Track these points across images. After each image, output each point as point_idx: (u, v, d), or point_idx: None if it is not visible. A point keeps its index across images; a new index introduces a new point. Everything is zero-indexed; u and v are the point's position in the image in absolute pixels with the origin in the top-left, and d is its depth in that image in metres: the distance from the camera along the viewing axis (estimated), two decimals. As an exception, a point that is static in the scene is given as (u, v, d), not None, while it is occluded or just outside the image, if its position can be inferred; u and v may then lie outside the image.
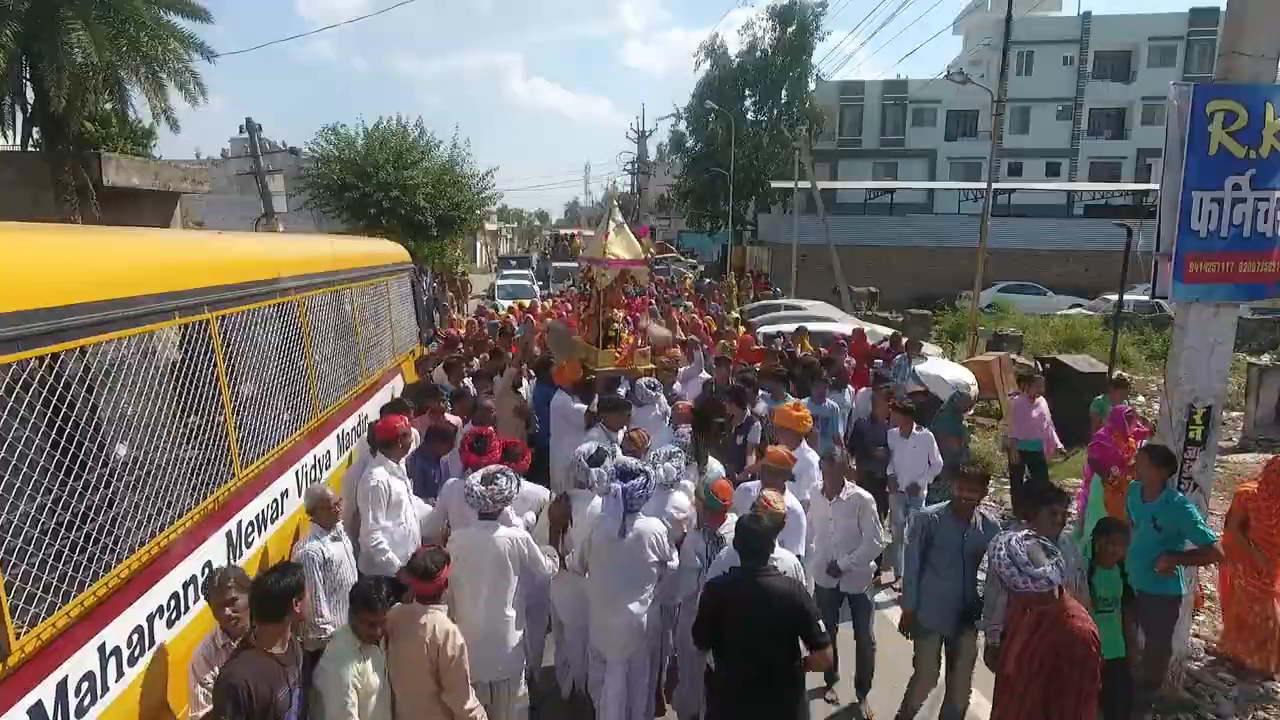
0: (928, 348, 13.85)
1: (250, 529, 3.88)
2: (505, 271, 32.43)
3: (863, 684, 4.97)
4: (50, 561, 2.42)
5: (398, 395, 6.45)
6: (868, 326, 12.96)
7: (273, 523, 4.16)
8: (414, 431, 5.27)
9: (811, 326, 12.46)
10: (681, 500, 4.50)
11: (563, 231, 55.06)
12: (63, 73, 13.00)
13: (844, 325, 12.63)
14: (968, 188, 37.47)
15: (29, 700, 2.31)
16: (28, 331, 2.38)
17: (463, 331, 11.44)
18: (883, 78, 47.30)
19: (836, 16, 77.82)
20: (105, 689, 2.67)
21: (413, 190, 28.32)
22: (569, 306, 15.47)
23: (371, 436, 4.71)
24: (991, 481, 7.45)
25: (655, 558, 4.02)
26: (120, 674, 2.74)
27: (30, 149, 15.94)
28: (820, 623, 3.52)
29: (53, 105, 13.00)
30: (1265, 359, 11.85)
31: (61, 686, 2.45)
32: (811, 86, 42.82)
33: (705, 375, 7.86)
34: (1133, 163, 44.66)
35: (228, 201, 34.61)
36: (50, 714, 2.39)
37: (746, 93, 41.96)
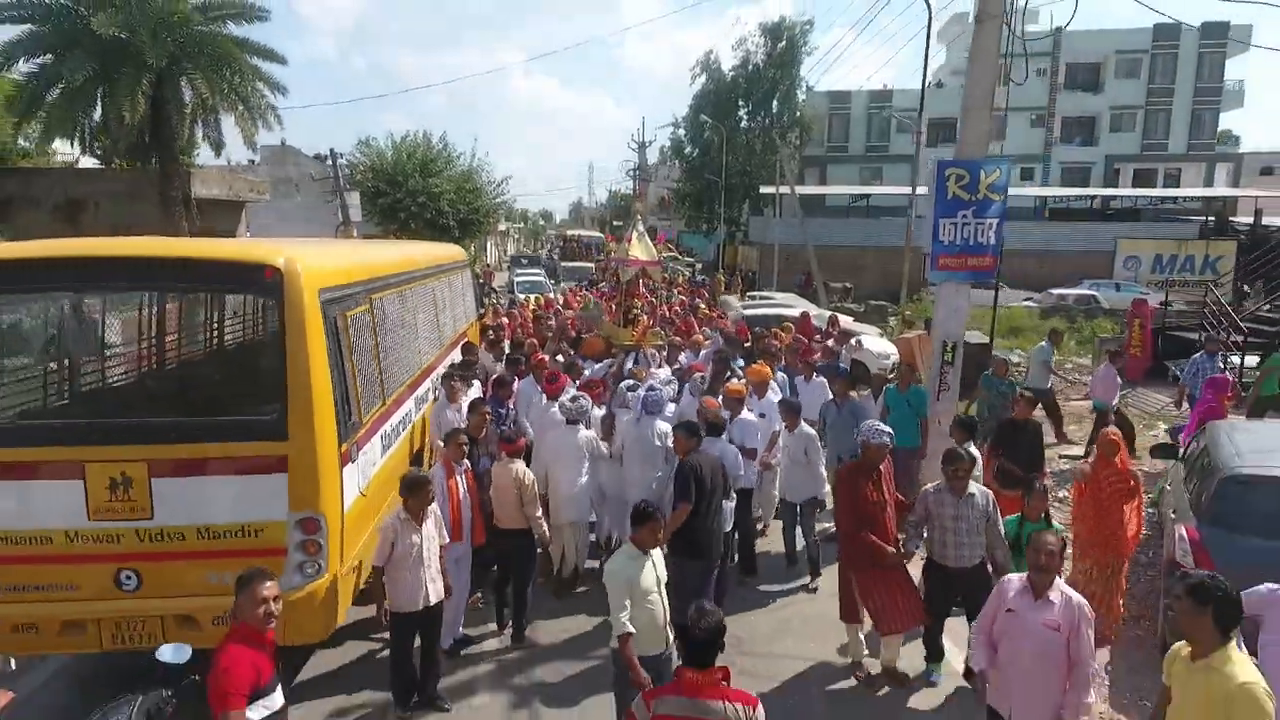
0: (865, 328, 17.36)
1: (425, 394, 7.37)
2: (519, 270, 35.89)
3: (813, 573, 7.01)
4: (386, 380, 5.91)
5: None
6: (814, 310, 16.42)
7: (431, 396, 7.63)
8: (475, 383, 8.19)
9: (770, 311, 16.00)
10: (670, 408, 7.33)
11: (569, 233, 58.57)
12: (183, 111, 16.56)
13: (795, 310, 16.10)
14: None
15: (382, 430, 5.79)
16: (375, 285, 5.86)
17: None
18: (868, 88, 50.54)
19: (835, 20, 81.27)
20: (380, 456, 6.11)
21: (437, 196, 31.84)
22: (577, 298, 19.17)
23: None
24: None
25: (659, 444, 6.60)
26: (387, 450, 6.20)
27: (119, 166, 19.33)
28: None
29: (177, 137, 16.53)
30: (1105, 335, 15.34)
31: (387, 432, 5.94)
32: (801, 97, 46.26)
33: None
34: (1101, 167, 47.60)
35: (261, 206, 37.95)
36: (379, 447, 5.84)
37: (740, 103, 45.38)
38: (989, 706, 3.98)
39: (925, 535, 5.41)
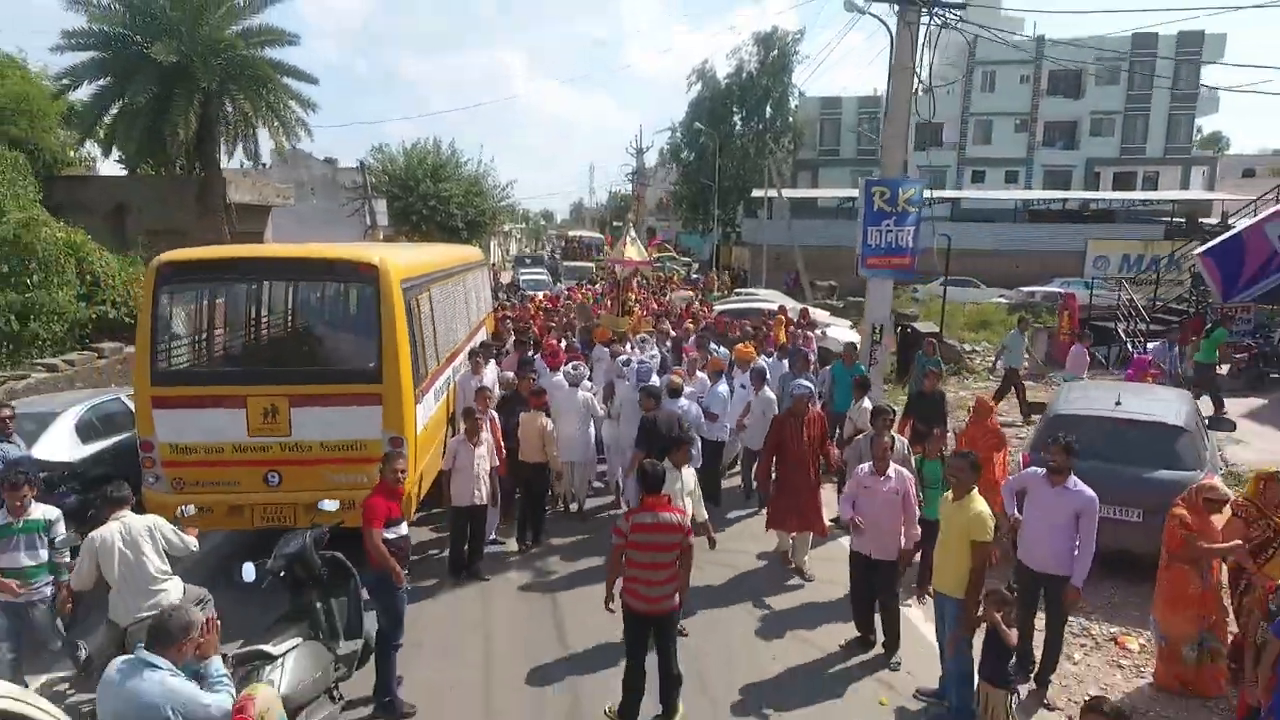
0: (837, 321, 19.38)
1: (460, 364, 9.36)
2: (523, 269, 37.94)
3: (763, 504, 8.54)
4: (441, 346, 7.91)
5: (485, 338, 11.91)
6: (790, 304, 18.45)
7: (474, 351, 9.58)
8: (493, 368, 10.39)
9: (750, 305, 18.02)
10: (656, 379, 9.34)
11: (571, 234, 60.68)
12: (227, 127, 18.57)
13: (773, 305, 18.12)
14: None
15: (434, 386, 7.81)
16: (429, 278, 7.87)
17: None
18: (859, 93, 52.49)
19: (832, 21, 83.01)
20: (434, 402, 8.12)
21: (447, 200, 33.88)
22: (579, 293, 21.30)
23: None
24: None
25: None
26: (437, 399, 8.21)
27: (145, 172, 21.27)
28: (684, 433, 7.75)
29: (220, 151, 18.55)
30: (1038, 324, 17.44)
31: (437, 388, 7.95)
32: (793, 103, 48.28)
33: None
34: (1082, 171, 49.46)
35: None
36: (433, 396, 7.86)
37: (734, 109, 47.41)
38: (853, 551, 5.98)
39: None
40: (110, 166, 25.03)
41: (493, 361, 10.08)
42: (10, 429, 6.48)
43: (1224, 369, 13.47)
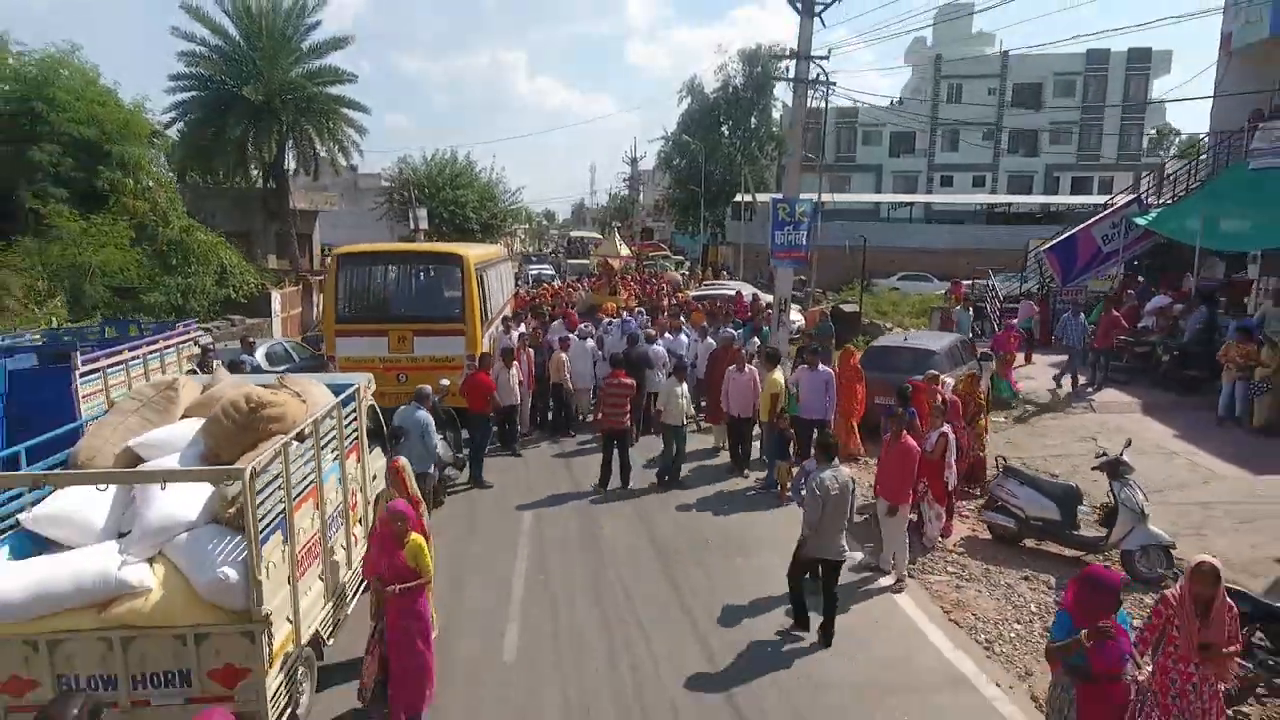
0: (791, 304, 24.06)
1: (508, 318, 14.05)
2: (530, 265, 42.71)
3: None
4: (492, 306, 12.64)
5: (511, 312, 16.61)
6: (747, 291, 23.19)
7: (505, 318, 14.29)
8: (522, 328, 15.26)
9: (716, 292, 22.75)
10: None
11: (573, 234, 65.53)
12: (297, 151, 23.33)
13: (733, 291, 22.82)
14: (871, 199, 47.68)
15: (488, 333, 12.52)
16: (488, 264, 12.58)
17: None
18: (838, 105, 57.03)
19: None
20: (488, 344, 12.81)
21: (464, 205, 38.61)
22: (583, 285, 26.16)
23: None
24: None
25: None
26: (487, 329, 12.90)
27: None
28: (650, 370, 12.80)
29: (291, 169, 23.31)
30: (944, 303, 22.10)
31: (489, 334, 12.67)
32: (776, 114, 52.97)
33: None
34: (1042, 176, 54.03)
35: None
36: (487, 340, 12.54)
37: (722, 120, 52.05)
38: (727, 413, 10.63)
39: None
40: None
41: (522, 325, 14.87)
42: (254, 349, 11.22)
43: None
